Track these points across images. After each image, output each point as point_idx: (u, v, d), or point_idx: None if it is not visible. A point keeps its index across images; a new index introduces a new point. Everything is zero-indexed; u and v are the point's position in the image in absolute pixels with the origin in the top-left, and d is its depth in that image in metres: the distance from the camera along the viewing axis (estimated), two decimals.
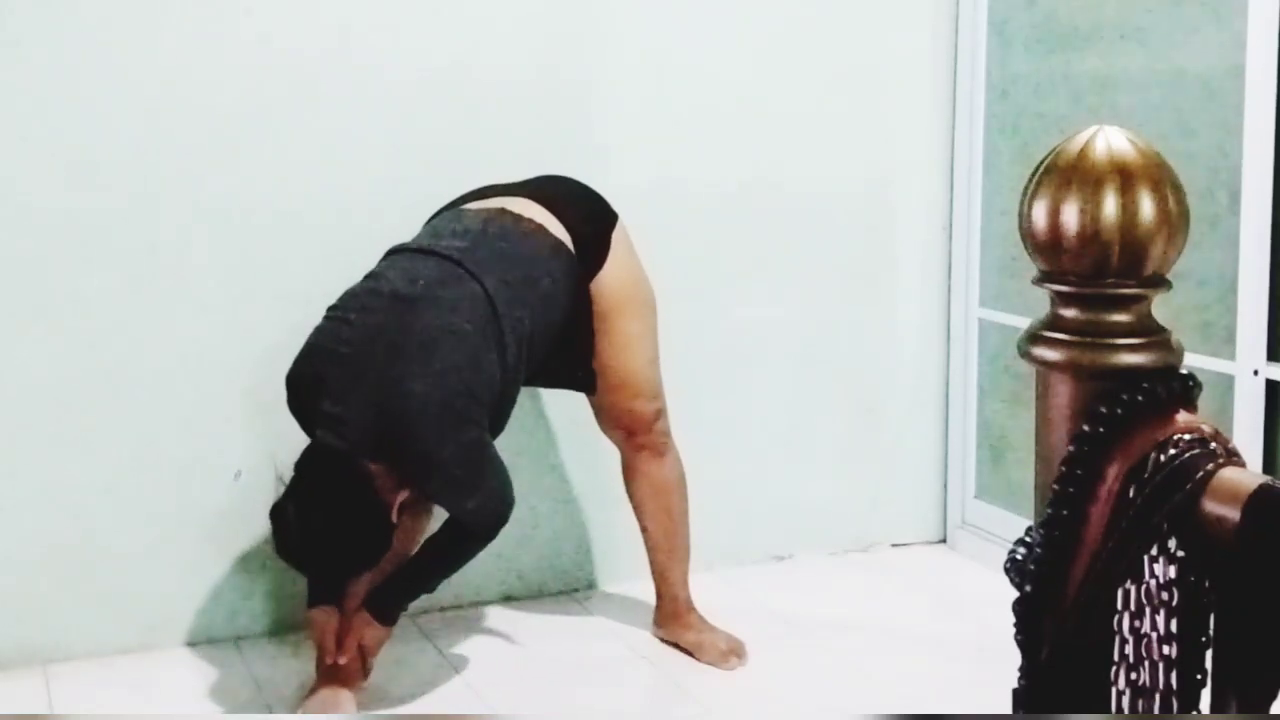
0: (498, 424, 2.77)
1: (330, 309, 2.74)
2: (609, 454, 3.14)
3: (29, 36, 2.94)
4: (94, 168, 3.01)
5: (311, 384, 2.66)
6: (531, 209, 2.87)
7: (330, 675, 2.80)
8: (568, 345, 2.90)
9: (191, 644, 3.17)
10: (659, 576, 3.17)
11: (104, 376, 3.06)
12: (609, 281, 2.92)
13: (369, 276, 2.79)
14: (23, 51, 2.95)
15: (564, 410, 3.37)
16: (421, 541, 2.91)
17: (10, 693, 2.93)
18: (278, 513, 2.66)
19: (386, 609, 2.80)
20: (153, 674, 3.04)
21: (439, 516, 2.87)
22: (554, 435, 3.45)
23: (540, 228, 2.84)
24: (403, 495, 2.68)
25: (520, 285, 2.75)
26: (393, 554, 2.76)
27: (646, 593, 3.25)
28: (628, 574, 3.44)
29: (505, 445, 2.83)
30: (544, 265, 2.81)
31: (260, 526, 3.16)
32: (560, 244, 2.85)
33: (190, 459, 3.14)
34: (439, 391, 2.60)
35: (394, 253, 2.83)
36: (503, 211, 2.86)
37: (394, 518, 2.67)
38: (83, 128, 3.00)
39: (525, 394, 3.02)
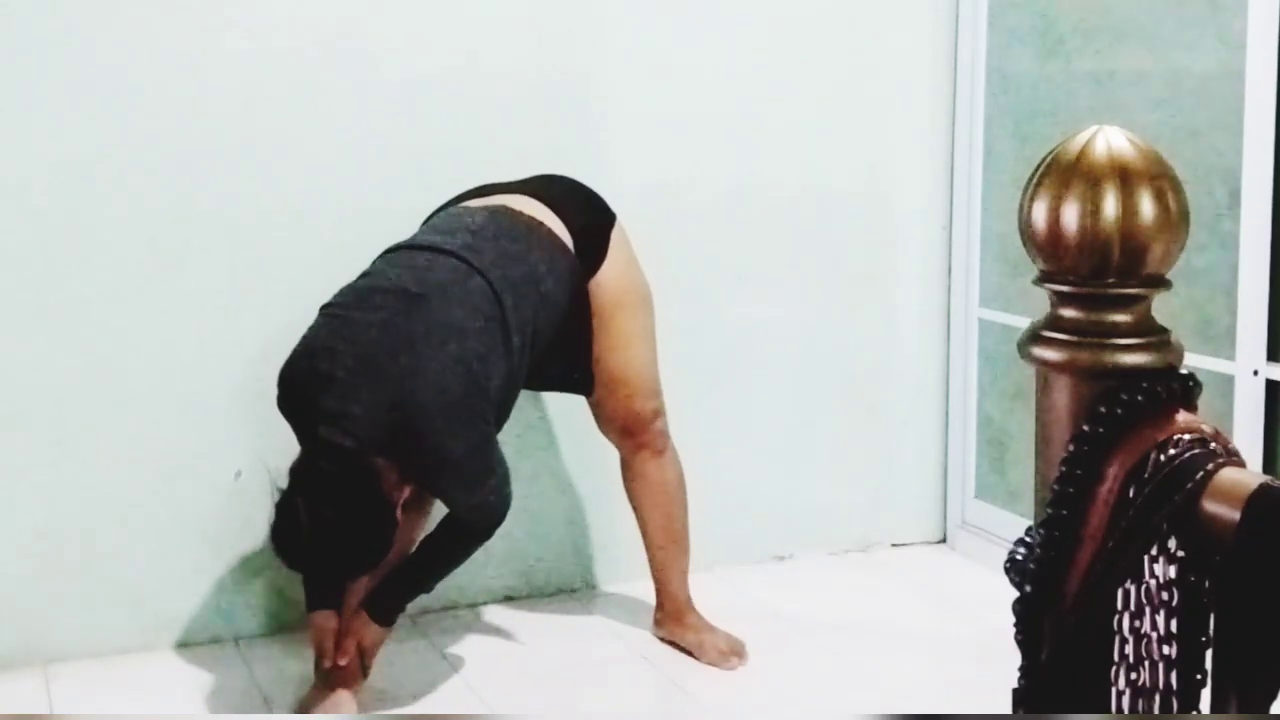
0: (499, 421, 2.76)
1: (326, 307, 2.73)
2: (609, 454, 3.14)
3: (28, 36, 2.94)
4: (91, 168, 3.01)
5: (310, 381, 2.63)
6: (532, 207, 2.87)
7: (329, 677, 2.80)
8: (565, 346, 2.90)
9: (191, 644, 3.17)
10: (659, 576, 3.17)
11: (103, 376, 3.06)
12: (607, 281, 2.92)
13: (367, 274, 2.78)
14: (21, 51, 2.95)
15: (564, 410, 3.37)
16: (418, 542, 2.91)
17: (10, 693, 2.93)
18: (285, 512, 2.59)
19: (385, 610, 2.79)
20: (153, 674, 3.04)
21: (434, 517, 2.87)
22: (554, 435, 3.45)
23: (542, 225, 2.84)
24: (406, 492, 2.67)
25: (523, 283, 2.75)
26: (391, 554, 2.75)
27: (646, 593, 3.25)
28: (628, 574, 3.44)
29: (506, 445, 2.83)
30: (546, 264, 2.80)
31: (260, 526, 3.16)
32: (561, 243, 2.85)
33: (190, 459, 3.14)
34: (451, 386, 2.59)
35: (394, 250, 2.82)
36: (504, 209, 2.86)
37: (398, 516, 2.66)
38: (80, 127, 2.99)
39: (525, 394, 3.02)
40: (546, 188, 2.96)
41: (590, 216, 2.94)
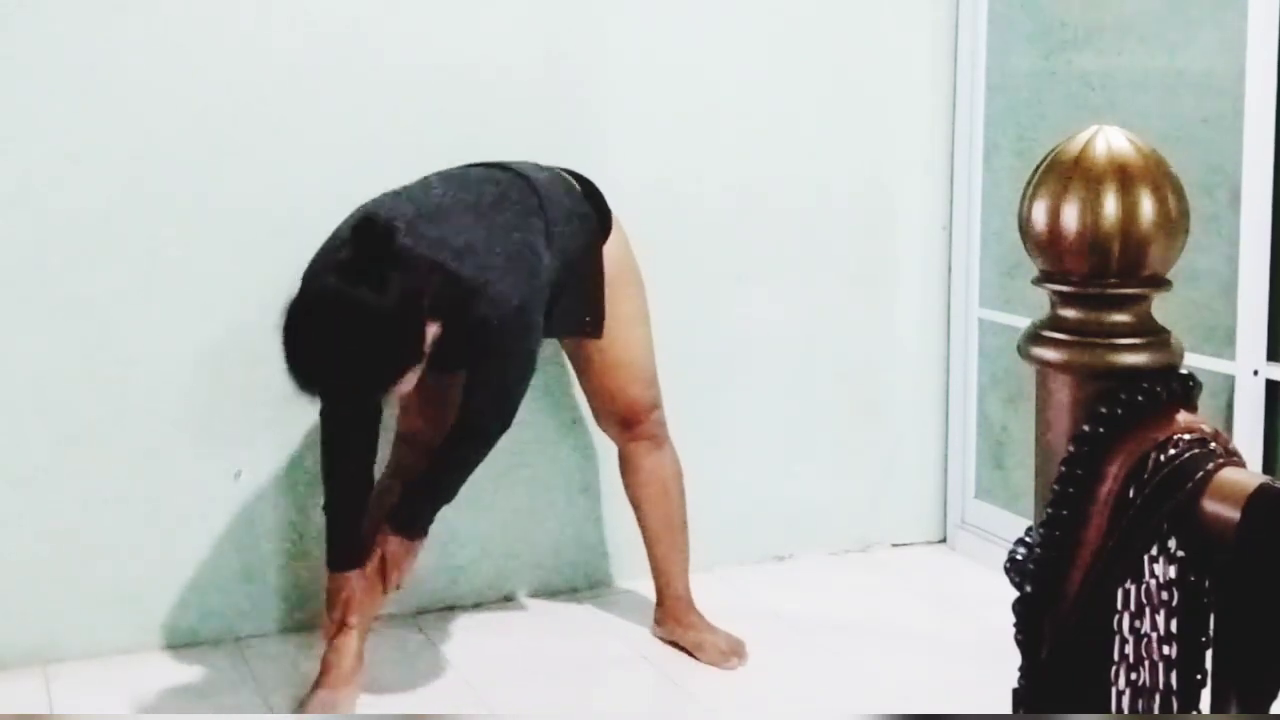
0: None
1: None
2: (609, 454, 3.15)
3: (27, 35, 2.94)
4: (92, 166, 3.01)
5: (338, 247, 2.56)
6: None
7: (330, 676, 2.80)
8: (580, 285, 2.90)
9: (192, 644, 3.16)
10: (659, 575, 3.17)
11: (103, 376, 3.06)
12: (610, 255, 2.94)
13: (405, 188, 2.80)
14: (21, 50, 2.95)
15: (564, 409, 3.38)
16: None
17: (10, 693, 2.93)
18: (307, 293, 2.52)
19: (405, 520, 2.77)
20: (153, 674, 3.03)
21: None
22: (554, 435, 3.44)
23: (563, 177, 2.95)
24: (433, 330, 2.54)
25: (560, 200, 2.84)
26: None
27: (647, 592, 3.26)
28: (628, 574, 3.44)
29: (505, 445, 2.83)
30: (571, 202, 2.88)
31: (261, 526, 3.17)
32: (578, 192, 2.93)
33: (190, 458, 3.13)
34: (509, 241, 2.65)
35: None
36: (527, 162, 2.96)
37: (424, 349, 2.51)
38: (79, 126, 2.99)
39: (526, 393, 3.02)
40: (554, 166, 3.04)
41: (597, 194, 3.00)
